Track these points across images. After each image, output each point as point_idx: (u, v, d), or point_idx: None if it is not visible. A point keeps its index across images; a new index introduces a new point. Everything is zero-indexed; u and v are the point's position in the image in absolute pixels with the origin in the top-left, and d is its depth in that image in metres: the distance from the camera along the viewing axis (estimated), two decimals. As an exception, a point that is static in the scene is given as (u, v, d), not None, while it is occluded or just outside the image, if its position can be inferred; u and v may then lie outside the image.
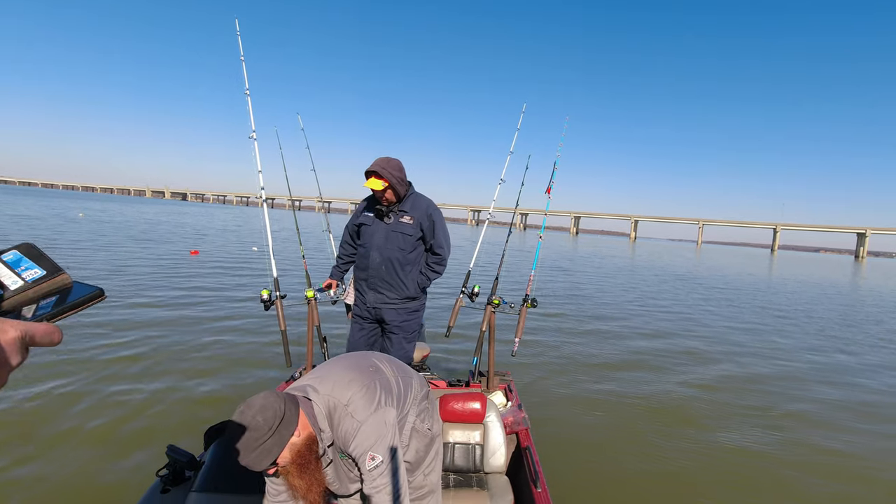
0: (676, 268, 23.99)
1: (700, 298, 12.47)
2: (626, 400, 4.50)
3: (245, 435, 1.24)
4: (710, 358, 6.28)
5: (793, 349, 7.21)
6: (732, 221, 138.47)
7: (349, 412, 1.40)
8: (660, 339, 7.23)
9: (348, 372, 1.50)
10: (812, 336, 8.45)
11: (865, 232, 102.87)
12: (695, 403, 4.54)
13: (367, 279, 2.77)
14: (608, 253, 34.78)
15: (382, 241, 2.69)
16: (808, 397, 4.95)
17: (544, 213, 3.66)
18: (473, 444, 2.22)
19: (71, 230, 17.03)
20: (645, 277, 17.41)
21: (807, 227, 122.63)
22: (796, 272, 29.67)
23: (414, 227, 2.69)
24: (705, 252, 61.70)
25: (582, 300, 10.51)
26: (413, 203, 2.72)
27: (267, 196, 3.24)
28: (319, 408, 1.40)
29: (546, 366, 5.38)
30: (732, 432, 3.92)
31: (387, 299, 2.76)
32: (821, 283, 21.90)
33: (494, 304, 3.15)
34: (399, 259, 2.70)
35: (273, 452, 1.25)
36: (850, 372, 6.10)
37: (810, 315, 11.01)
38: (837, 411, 4.59)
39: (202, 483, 1.81)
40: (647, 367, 5.65)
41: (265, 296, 2.86)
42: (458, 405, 2.22)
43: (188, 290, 7.83)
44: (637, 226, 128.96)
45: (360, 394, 1.43)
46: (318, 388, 1.44)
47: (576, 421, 3.95)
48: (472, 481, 2.12)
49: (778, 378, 5.57)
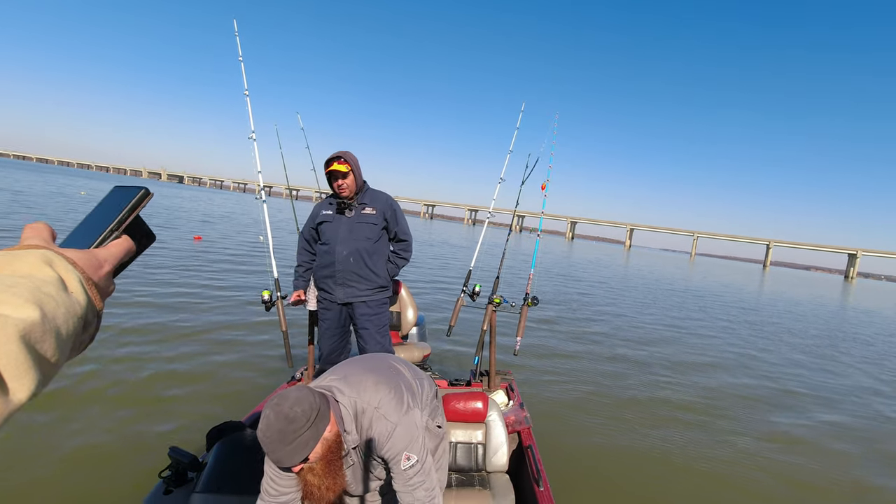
0: (682, 278, 24.14)
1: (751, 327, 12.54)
2: (628, 399, 4.53)
3: (281, 427, 1.22)
4: (714, 364, 6.32)
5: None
6: (726, 235, 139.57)
7: (381, 414, 1.40)
8: (661, 341, 7.27)
9: (372, 374, 1.50)
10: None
11: (857, 253, 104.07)
12: (696, 404, 4.58)
13: (333, 275, 2.72)
14: (609, 262, 34.91)
15: (347, 233, 2.71)
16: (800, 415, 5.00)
17: (541, 212, 3.67)
18: (475, 443, 2.22)
19: (80, 209, 16.79)
20: (650, 285, 17.51)
21: (800, 245, 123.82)
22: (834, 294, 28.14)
23: (377, 216, 2.76)
24: (706, 265, 62.10)
25: (581, 300, 10.55)
26: (372, 196, 2.79)
27: (265, 184, 3.21)
28: (347, 410, 1.40)
29: (548, 364, 5.40)
30: (733, 433, 3.95)
31: (357, 292, 2.74)
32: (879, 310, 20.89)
33: (496, 303, 3.15)
34: (367, 249, 2.73)
35: (309, 446, 1.24)
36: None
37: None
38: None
39: (205, 484, 1.80)
40: (648, 367, 5.69)
41: (266, 297, 2.85)
42: (459, 404, 2.22)
43: (191, 287, 7.68)
44: (632, 234, 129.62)
45: (389, 396, 1.44)
46: (344, 390, 1.43)
47: (578, 420, 3.97)
48: (475, 480, 2.13)
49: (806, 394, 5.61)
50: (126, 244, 0.45)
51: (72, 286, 0.37)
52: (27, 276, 0.34)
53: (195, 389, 3.92)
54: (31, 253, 0.36)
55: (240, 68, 3.03)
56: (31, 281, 0.33)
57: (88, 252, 0.42)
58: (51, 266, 0.36)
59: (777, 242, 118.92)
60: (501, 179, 3.62)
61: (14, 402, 0.30)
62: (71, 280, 0.37)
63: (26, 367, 0.30)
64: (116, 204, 0.45)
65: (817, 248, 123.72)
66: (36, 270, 0.35)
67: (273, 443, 1.22)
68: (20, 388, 0.30)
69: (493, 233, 3.95)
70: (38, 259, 0.36)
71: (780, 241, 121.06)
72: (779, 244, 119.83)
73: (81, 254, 0.41)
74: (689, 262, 65.04)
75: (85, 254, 0.41)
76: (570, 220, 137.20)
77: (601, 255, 44.29)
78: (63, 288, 0.36)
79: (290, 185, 3.76)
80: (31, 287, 0.33)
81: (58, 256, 0.38)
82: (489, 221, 3.81)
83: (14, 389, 0.30)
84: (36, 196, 20.09)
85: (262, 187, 3.22)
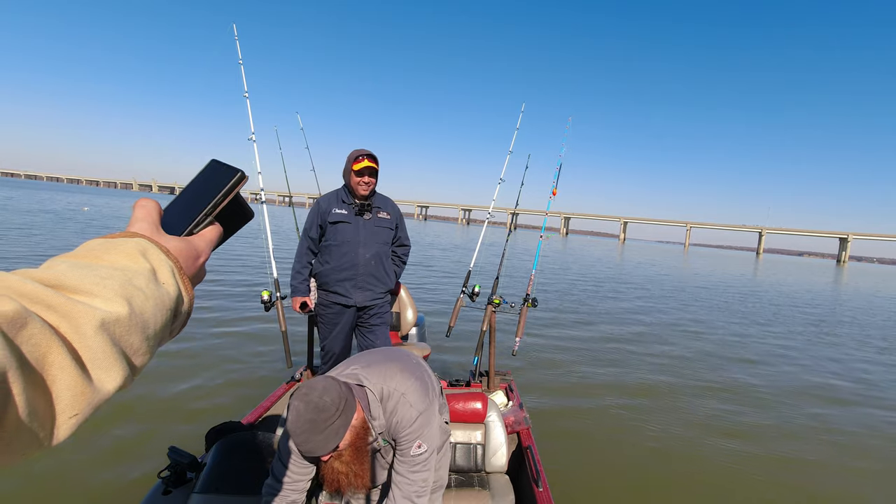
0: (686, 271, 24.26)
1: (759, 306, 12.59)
2: (629, 400, 4.54)
3: (312, 416, 1.21)
4: (716, 363, 6.36)
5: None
6: (719, 224, 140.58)
7: (407, 401, 1.42)
8: (663, 341, 7.31)
9: (397, 362, 1.53)
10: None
11: (847, 237, 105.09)
12: (698, 404, 4.59)
13: (353, 278, 2.69)
14: (609, 259, 34.97)
15: (369, 236, 2.71)
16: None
17: (545, 213, 3.69)
18: (475, 443, 2.23)
19: (91, 228, 16.63)
20: (650, 276, 17.59)
21: (792, 231, 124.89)
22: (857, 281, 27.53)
23: (391, 221, 2.80)
24: (704, 255, 62.37)
25: (583, 301, 10.58)
26: (383, 200, 2.82)
27: (258, 191, 3.24)
28: (374, 395, 1.41)
29: (547, 365, 5.40)
30: (733, 434, 3.96)
31: (374, 295, 2.76)
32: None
33: (495, 303, 3.16)
34: (385, 253, 2.79)
35: (340, 434, 1.24)
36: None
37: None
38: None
39: (204, 484, 1.80)
40: (649, 366, 5.71)
41: (265, 297, 2.85)
42: (459, 405, 2.23)
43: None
44: (626, 227, 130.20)
45: (415, 385, 1.46)
46: (370, 377, 1.45)
47: (577, 420, 3.97)
48: (474, 481, 2.13)
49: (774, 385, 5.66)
50: (217, 231, 0.46)
51: (163, 277, 0.38)
52: (121, 269, 0.35)
53: (194, 390, 3.91)
54: (127, 242, 0.38)
55: (239, 71, 3.08)
56: (123, 273, 0.35)
57: (186, 241, 0.43)
58: (145, 256, 0.37)
59: (769, 230, 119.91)
60: (501, 180, 3.62)
61: (102, 393, 0.32)
62: (163, 271, 0.38)
63: (112, 359, 0.32)
64: (212, 185, 0.45)
65: (809, 234, 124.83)
66: (130, 261, 0.36)
67: (305, 433, 1.21)
68: (108, 379, 0.32)
69: (489, 231, 3.96)
70: (134, 249, 0.37)
71: (773, 228, 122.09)
72: (771, 231, 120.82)
73: (179, 243, 0.42)
74: (683, 253, 65.33)
75: (183, 243, 0.42)
76: (563, 215, 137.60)
77: (599, 251, 44.41)
78: (154, 279, 0.37)
79: (290, 192, 3.78)
80: (123, 280, 0.34)
81: (153, 246, 0.39)
82: (489, 221, 3.82)
83: (101, 380, 0.32)
84: (34, 214, 19.87)
85: (262, 188, 3.23)
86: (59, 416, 0.30)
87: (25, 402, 0.27)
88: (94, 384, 0.31)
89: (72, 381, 0.30)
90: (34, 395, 0.28)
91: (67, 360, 0.29)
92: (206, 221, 0.45)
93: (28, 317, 0.28)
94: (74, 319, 0.31)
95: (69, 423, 0.31)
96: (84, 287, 0.32)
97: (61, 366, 0.29)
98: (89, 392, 0.31)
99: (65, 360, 0.29)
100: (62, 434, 0.31)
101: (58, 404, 0.30)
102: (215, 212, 0.45)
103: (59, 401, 0.30)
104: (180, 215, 0.44)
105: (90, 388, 0.31)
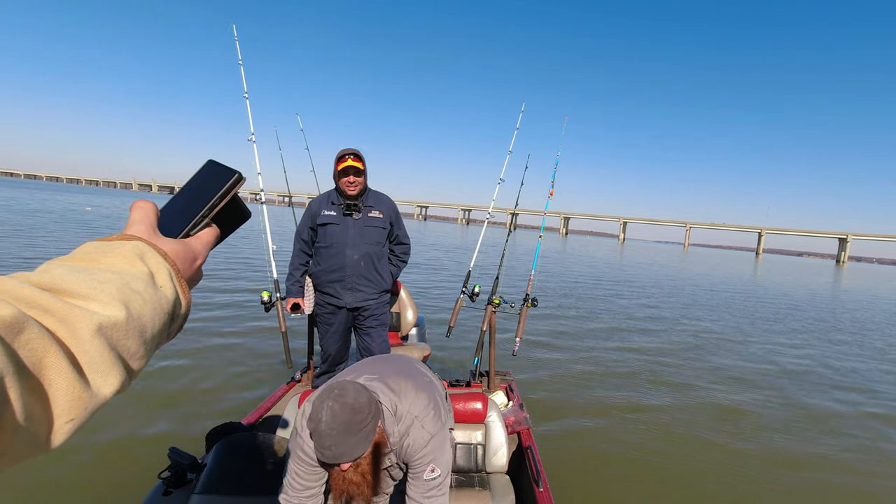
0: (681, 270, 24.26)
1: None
2: (630, 400, 4.53)
3: (348, 418, 1.16)
4: (717, 363, 6.36)
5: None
6: (718, 224, 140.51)
7: (420, 424, 1.38)
8: (664, 344, 7.30)
9: (410, 380, 1.47)
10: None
11: (847, 237, 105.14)
12: (699, 404, 4.59)
13: (342, 279, 2.68)
14: (610, 258, 34.98)
15: (357, 237, 2.67)
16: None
17: (543, 213, 3.68)
18: (475, 443, 2.23)
19: (102, 228, 16.61)
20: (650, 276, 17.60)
21: (791, 232, 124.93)
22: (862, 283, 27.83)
23: (384, 220, 2.74)
24: (704, 255, 62.39)
25: (582, 300, 10.58)
26: (376, 198, 2.77)
27: (258, 191, 3.24)
28: (389, 411, 1.36)
29: (547, 365, 5.39)
30: (733, 435, 3.97)
31: (366, 296, 2.73)
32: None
33: (495, 303, 3.16)
34: (376, 253, 2.72)
35: (370, 438, 1.20)
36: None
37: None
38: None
39: (204, 485, 1.79)
40: (649, 367, 5.70)
41: (265, 298, 2.84)
42: (459, 405, 2.23)
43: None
44: (626, 227, 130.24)
45: (429, 407, 1.41)
46: (386, 392, 1.39)
47: (577, 420, 3.97)
48: (475, 481, 2.13)
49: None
50: (214, 233, 0.46)
51: (161, 280, 0.38)
52: (119, 272, 0.35)
53: (194, 391, 3.91)
54: (125, 245, 0.37)
55: (239, 72, 3.08)
56: (121, 277, 0.35)
57: (184, 244, 0.42)
58: (142, 260, 0.37)
59: (769, 230, 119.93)
60: (501, 180, 3.62)
61: (99, 397, 0.32)
62: (161, 274, 0.38)
63: (110, 363, 0.32)
64: (209, 186, 0.45)
65: (809, 234, 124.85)
66: (128, 264, 0.36)
67: (339, 434, 1.14)
68: (105, 383, 0.32)
69: (489, 231, 3.96)
70: (132, 252, 0.37)
71: (772, 228, 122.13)
72: (770, 231, 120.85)
73: (176, 245, 0.42)
74: (682, 253, 65.36)
75: (180, 245, 0.42)
76: (563, 215, 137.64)
77: (599, 251, 44.43)
78: (152, 283, 0.37)
79: (289, 192, 3.78)
80: (121, 284, 0.34)
81: (150, 250, 0.39)
82: (489, 221, 3.81)
83: (98, 385, 0.31)
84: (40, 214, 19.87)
85: (262, 189, 3.23)
86: (56, 421, 0.30)
87: (22, 406, 0.26)
88: (92, 389, 0.31)
89: (69, 385, 0.29)
90: (31, 400, 0.27)
91: (65, 364, 0.29)
92: (204, 223, 0.44)
93: (25, 321, 0.27)
94: (72, 324, 0.30)
95: (66, 427, 0.30)
96: (81, 291, 0.32)
97: (58, 370, 0.29)
98: (86, 397, 0.31)
99: (62, 364, 0.29)
100: (59, 439, 0.30)
101: (55, 409, 0.29)
102: (212, 213, 0.45)
103: (57, 405, 0.29)
104: (177, 217, 0.44)
105: (87, 393, 0.31)
